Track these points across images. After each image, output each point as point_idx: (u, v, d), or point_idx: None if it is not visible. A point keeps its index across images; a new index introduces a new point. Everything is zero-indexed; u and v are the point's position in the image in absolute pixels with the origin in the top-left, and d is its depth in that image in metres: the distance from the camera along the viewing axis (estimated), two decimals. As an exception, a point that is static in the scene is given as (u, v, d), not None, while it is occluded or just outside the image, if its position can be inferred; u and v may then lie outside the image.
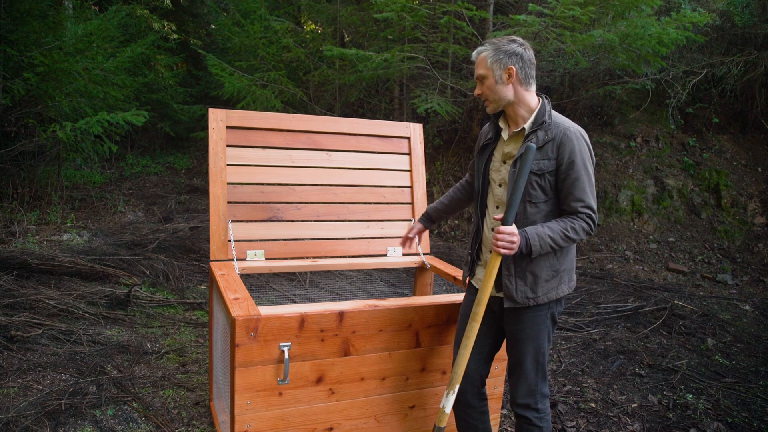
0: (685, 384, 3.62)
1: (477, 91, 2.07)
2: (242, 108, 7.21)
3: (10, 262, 4.56)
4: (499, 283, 2.06)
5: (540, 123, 1.98)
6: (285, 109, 7.70)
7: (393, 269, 5.48)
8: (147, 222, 7.05)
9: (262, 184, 2.79)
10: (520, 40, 2.02)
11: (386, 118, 8.61)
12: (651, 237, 6.65)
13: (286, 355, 2.06)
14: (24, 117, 6.71)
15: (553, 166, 1.95)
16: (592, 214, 1.97)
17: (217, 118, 2.71)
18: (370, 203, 3.01)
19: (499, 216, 1.97)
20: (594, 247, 6.60)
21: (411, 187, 3.10)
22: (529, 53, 2.00)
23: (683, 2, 7.01)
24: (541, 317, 2.04)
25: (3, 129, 6.71)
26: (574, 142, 1.95)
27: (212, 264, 2.60)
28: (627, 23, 5.60)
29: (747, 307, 5.14)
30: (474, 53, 2.07)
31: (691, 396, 3.46)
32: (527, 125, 2.01)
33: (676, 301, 5.03)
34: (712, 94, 7.42)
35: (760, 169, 7.00)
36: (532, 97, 2.02)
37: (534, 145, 1.90)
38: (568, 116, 2.09)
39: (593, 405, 3.32)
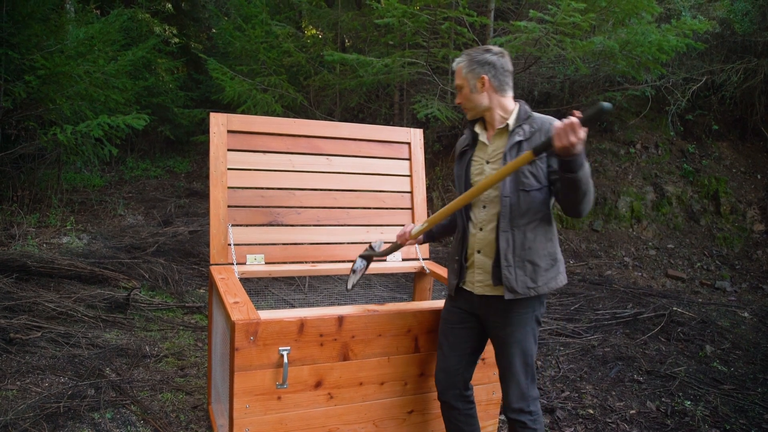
0: (684, 391, 3.62)
1: (457, 100, 2.15)
2: (243, 112, 7.22)
3: (10, 265, 4.56)
4: (497, 277, 2.04)
5: (524, 118, 2.05)
6: (285, 114, 7.72)
7: (392, 274, 5.48)
8: (146, 225, 7.05)
9: (263, 188, 2.79)
10: (496, 48, 2.08)
11: (386, 123, 8.63)
12: (650, 243, 6.66)
13: (285, 360, 2.06)
14: (25, 120, 6.73)
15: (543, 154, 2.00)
16: None
17: (219, 122, 2.72)
18: (370, 208, 3.01)
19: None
20: (593, 253, 6.61)
21: (411, 192, 3.11)
22: (503, 61, 2.06)
23: (683, 10, 7.04)
24: (527, 319, 2.06)
25: (4, 131, 6.73)
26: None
27: (212, 268, 2.60)
28: (627, 30, 5.63)
29: (745, 314, 5.14)
30: (453, 63, 2.15)
31: (689, 403, 3.46)
32: (511, 121, 2.06)
33: (674, 308, 5.03)
34: (711, 101, 7.44)
35: (759, 176, 7.01)
36: (508, 102, 2.09)
37: (608, 104, 1.82)
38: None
39: (591, 411, 3.32)
